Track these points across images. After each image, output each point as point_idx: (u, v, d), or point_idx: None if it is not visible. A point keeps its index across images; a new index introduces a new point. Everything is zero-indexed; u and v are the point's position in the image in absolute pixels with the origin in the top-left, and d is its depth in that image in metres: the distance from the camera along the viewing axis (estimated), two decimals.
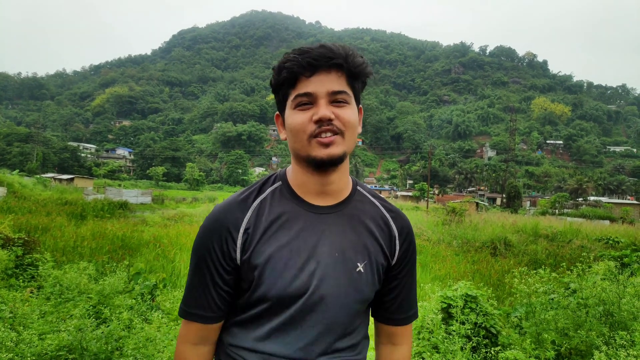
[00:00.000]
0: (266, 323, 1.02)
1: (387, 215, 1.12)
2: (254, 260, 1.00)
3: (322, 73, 0.96)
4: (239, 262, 1.02)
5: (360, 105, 1.08)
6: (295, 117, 0.98)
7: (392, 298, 1.12)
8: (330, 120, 0.95)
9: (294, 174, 1.08)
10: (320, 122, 0.95)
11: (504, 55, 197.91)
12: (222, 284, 1.04)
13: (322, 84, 0.95)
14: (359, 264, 1.03)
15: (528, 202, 60.66)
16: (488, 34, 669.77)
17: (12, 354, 2.40)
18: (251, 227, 1.02)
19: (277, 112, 1.08)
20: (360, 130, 1.05)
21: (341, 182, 1.07)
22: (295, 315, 1.00)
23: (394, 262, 1.09)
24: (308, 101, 0.96)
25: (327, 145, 0.96)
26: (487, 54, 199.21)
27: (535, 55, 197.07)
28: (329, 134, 0.96)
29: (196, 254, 1.06)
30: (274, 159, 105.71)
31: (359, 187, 1.15)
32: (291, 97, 0.98)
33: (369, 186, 1.20)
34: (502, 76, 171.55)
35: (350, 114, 0.98)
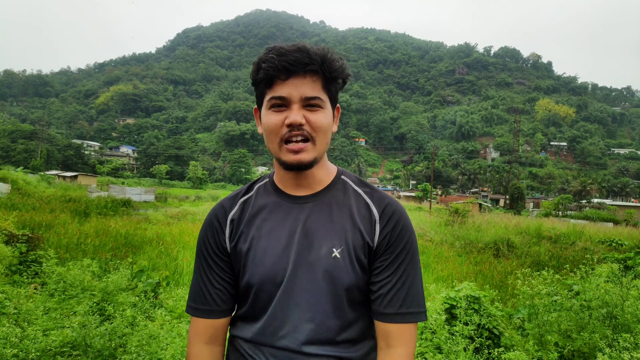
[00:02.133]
0: (253, 312, 1.07)
1: (369, 201, 1.10)
2: (239, 249, 1.08)
3: (298, 77, 0.98)
4: (229, 250, 1.10)
5: (338, 105, 1.11)
6: (269, 118, 1.01)
7: (380, 287, 1.04)
8: (301, 125, 0.98)
9: (276, 169, 1.15)
10: (291, 126, 0.98)
11: (509, 56, 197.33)
12: (220, 274, 1.11)
13: (297, 88, 0.98)
14: (334, 250, 1.03)
15: (531, 204, 60.37)
16: (492, 35, 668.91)
17: (16, 350, 2.42)
18: (236, 219, 1.12)
19: (256, 106, 1.11)
20: (335, 129, 1.10)
21: (318, 175, 1.10)
22: (277, 302, 1.03)
23: (374, 246, 1.05)
24: (282, 103, 0.99)
25: (296, 152, 1.00)
26: (492, 54, 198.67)
27: (539, 57, 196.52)
28: (299, 138, 0.99)
29: (197, 248, 1.16)
30: None
31: (343, 176, 1.16)
32: (267, 97, 1.01)
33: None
34: (507, 77, 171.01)
35: (322, 118, 1.01)
